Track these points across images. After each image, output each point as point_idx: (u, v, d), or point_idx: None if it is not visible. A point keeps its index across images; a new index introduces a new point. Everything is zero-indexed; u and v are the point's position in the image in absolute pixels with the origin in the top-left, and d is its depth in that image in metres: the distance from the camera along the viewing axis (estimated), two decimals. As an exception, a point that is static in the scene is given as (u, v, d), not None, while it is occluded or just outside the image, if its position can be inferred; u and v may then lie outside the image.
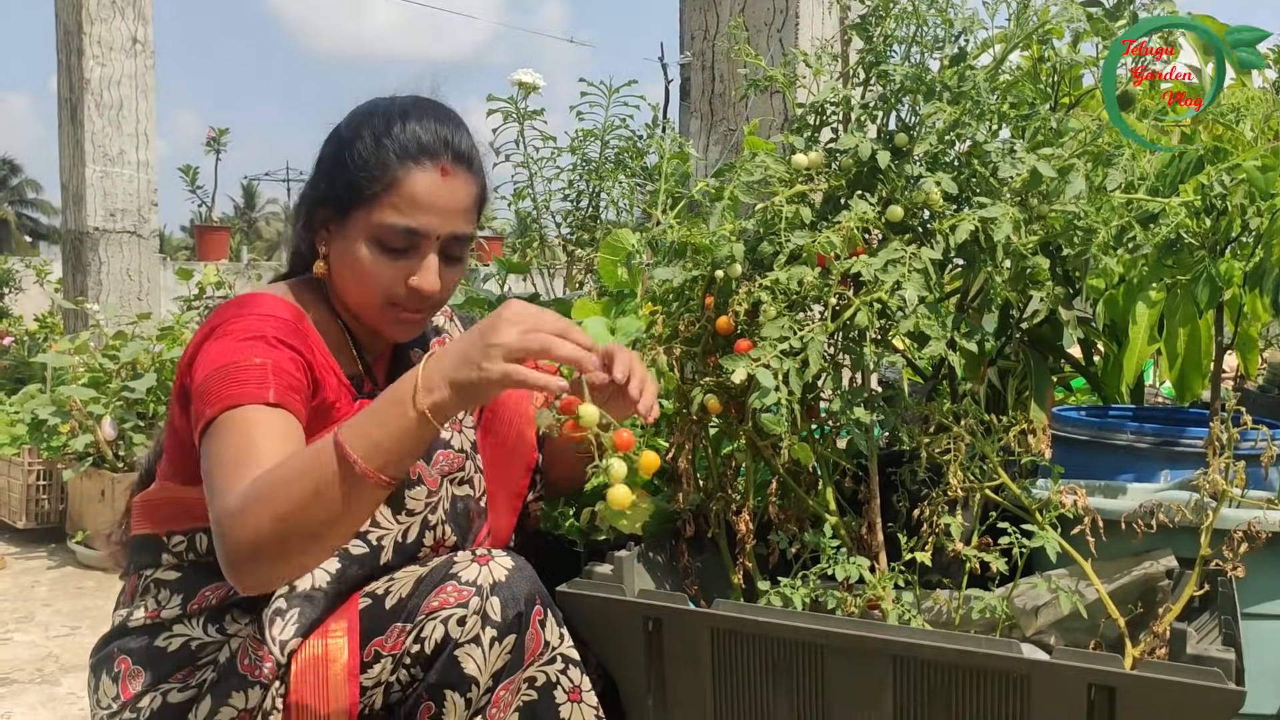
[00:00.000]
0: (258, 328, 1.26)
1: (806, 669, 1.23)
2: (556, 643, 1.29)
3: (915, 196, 1.44)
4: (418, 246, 1.32)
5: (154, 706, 1.30)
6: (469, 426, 1.47)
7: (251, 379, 1.21)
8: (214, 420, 1.19)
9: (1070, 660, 1.10)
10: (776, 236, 1.47)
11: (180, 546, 1.34)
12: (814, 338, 1.37)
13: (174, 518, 1.34)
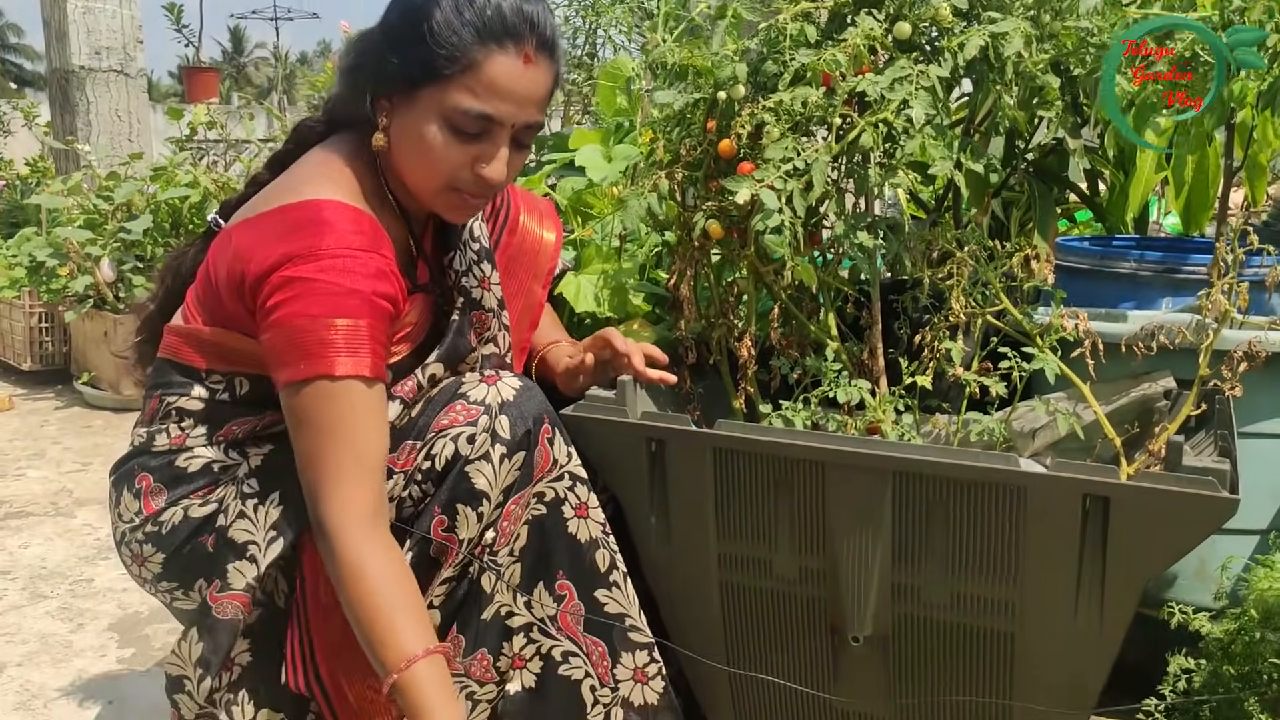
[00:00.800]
0: (353, 271, 1.19)
1: (807, 487, 1.25)
2: (565, 461, 1.32)
3: (924, 13, 1.39)
4: (490, 133, 1.24)
5: (175, 520, 1.32)
6: (495, 284, 1.44)
7: (348, 345, 1.18)
8: (309, 382, 1.17)
9: (1066, 472, 1.12)
10: (780, 55, 1.42)
11: (218, 385, 1.32)
12: (818, 158, 1.34)
13: (219, 358, 1.31)
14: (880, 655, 1.29)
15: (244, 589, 1.26)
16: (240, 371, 1.31)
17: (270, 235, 1.21)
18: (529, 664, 1.31)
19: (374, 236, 1.24)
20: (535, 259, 1.53)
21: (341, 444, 1.19)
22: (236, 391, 1.32)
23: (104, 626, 2.02)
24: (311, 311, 1.17)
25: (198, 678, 1.28)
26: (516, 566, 1.30)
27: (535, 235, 1.53)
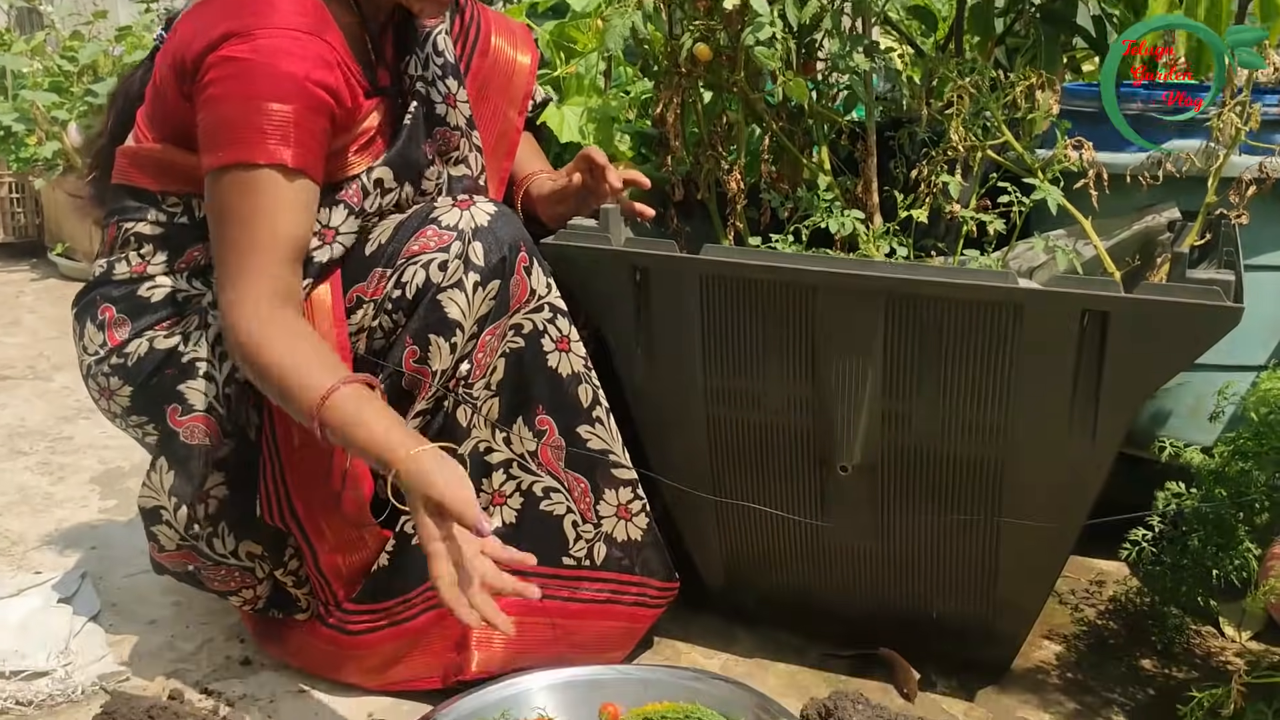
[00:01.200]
0: (291, 53, 1.13)
1: (797, 313, 1.21)
2: (544, 292, 1.27)
3: None
4: None
5: (141, 352, 1.28)
6: (463, 101, 1.37)
7: (274, 132, 1.12)
8: (228, 169, 1.14)
9: (1065, 288, 1.08)
10: None
11: (175, 207, 1.28)
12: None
13: (172, 179, 1.27)
14: (868, 485, 1.27)
15: (205, 409, 1.23)
16: (195, 192, 1.26)
17: (213, 18, 1.17)
18: (509, 500, 1.29)
19: (319, 20, 1.18)
20: (509, 82, 1.46)
21: (252, 234, 1.15)
22: (195, 214, 1.27)
23: (85, 480, 2.00)
24: (244, 93, 1.13)
25: (174, 507, 1.26)
26: (494, 401, 1.27)
27: (508, 57, 1.45)
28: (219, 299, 1.19)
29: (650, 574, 1.36)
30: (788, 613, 1.47)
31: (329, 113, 1.18)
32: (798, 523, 1.34)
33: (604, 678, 1.28)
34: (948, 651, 1.39)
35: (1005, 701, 1.33)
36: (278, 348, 1.14)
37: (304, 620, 1.38)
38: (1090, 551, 1.67)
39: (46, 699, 1.30)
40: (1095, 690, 1.35)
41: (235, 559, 1.30)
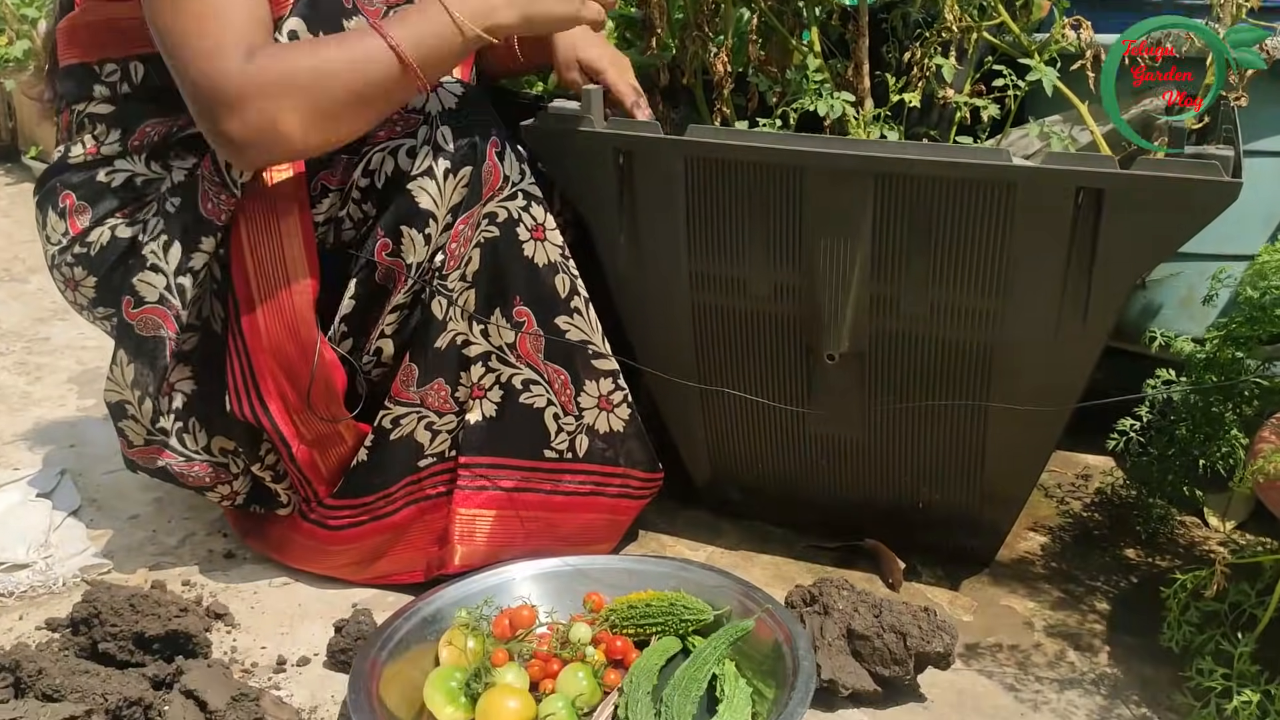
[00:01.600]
0: None
1: (785, 196, 1.18)
2: (517, 178, 1.23)
3: None
4: None
5: (103, 241, 1.26)
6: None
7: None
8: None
9: (1059, 164, 1.05)
10: None
11: (114, 76, 1.24)
12: None
13: (105, 44, 1.23)
14: (856, 372, 1.25)
15: (157, 301, 1.20)
16: (133, 54, 1.21)
17: None
18: (489, 393, 1.27)
19: None
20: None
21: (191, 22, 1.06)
22: (133, 78, 1.23)
23: (62, 380, 1.98)
24: None
25: (138, 400, 1.24)
26: (470, 293, 1.23)
27: None
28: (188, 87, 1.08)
29: (634, 465, 1.35)
30: (774, 506, 1.46)
31: None
32: (784, 414, 1.32)
33: (588, 567, 1.27)
34: (933, 543, 1.39)
35: (990, 590, 1.34)
36: (282, 64, 1.06)
37: (285, 515, 1.36)
38: (1077, 447, 1.66)
39: (28, 590, 1.29)
40: (1079, 579, 1.35)
41: (207, 454, 1.29)
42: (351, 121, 1.11)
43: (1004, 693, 1.14)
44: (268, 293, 1.19)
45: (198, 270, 1.19)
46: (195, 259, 1.19)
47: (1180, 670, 1.09)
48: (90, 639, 1.10)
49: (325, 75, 1.07)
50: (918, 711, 1.11)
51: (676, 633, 1.17)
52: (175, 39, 1.08)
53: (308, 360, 1.20)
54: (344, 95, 1.08)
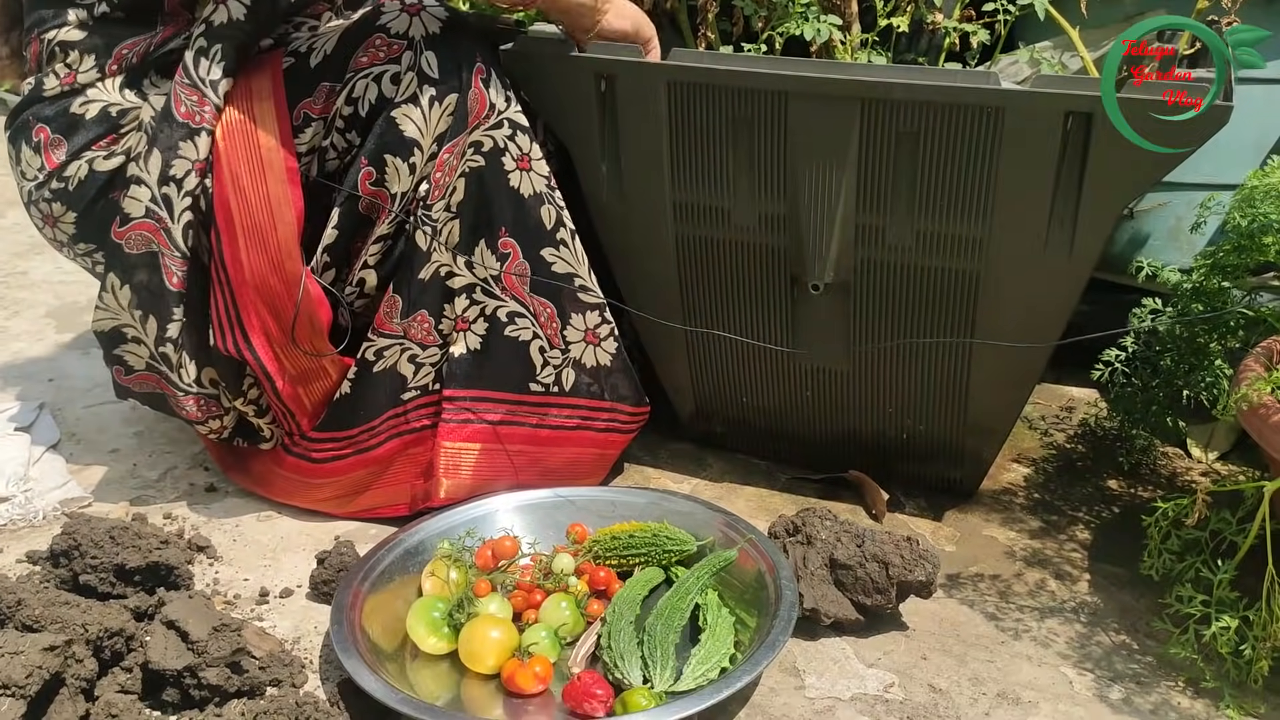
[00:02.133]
0: None
1: (768, 123, 1.16)
2: (503, 106, 1.20)
3: None
4: None
5: (81, 175, 1.23)
6: None
7: None
8: None
9: (1047, 88, 1.03)
10: None
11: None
12: None
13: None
14: (841, 303, 1.24)
15: (144, 215, 1.17)
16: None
17: None
18: (473, 325, 1.25)
19: None
20: None
21: None
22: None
23: (41, 314, 1.95)
24: None
25: (140, 319, 1.22)
26: (455, 223, 1.21)
27: None
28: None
29: (620, 399, 1.34)
30: (758, 438, 1.46)
31: None
32: (768, 347, 1.31)
33: (571, 498, 1.27)
34: (917, 474, 1.39)
35: (972, 520, 1.34)
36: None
37: (268, 449, 1.36)
38: (1062, 379, 1.66)
39: (7, 524, 1.29)
40: (1061, 509, 1.35)
41: (200, 387, 1.27)
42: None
43: (985, 621, 1.15)
44: (251, 227, 1.16)
45: (180, 179, 1.16)
46: (176, 166, 1.16)
47: (1160, 598, 1.10)
48: (71, 571, 1.10)
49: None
50: (899, 640, 1.12)
51: (660, 563, 1.17)
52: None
53: (292, 294, 1.18)
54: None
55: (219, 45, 1.15)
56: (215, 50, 1.15)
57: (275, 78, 1.18)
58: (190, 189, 1.16)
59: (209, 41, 1.16)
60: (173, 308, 1.21)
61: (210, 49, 1.15)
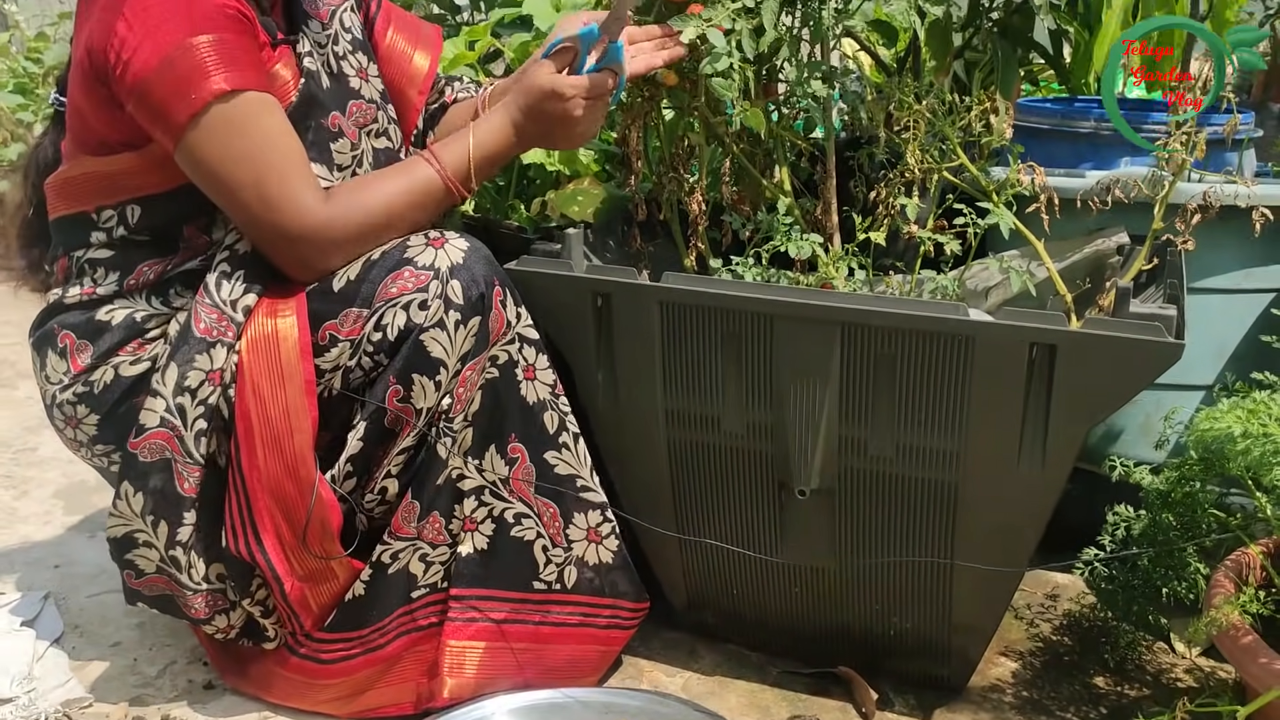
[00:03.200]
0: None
1: (755, 341, 1.23)
2: (515, 321, 1.28)
3: None
4: None
5: (106, 379, 1.28)
6: (375, 76, 1.39)
7: (220, 59, 1.13)
8: (196, 119, 1.14)
9: (1014, 320, 1.11)
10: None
11: (111, 221, 1.28)
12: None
13: (100, 192, 1.27)
14: (826, 508, 1.29)
15: (158, 425, 1.22)
16: (126, 199, 1.26)
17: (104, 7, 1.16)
18: (480, 526, 1.30)
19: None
20: (406, 65, 1.48)
21: (258, 158, 1.17)
22: (130, 221, 1.27)
23: (49, 494, 1.99)
24: (163, 47, 1.13)
25: (151, 524, 1.25)
26: (469, 431, 1.27)
27: (402, 49, 1.49)
28: (263, 241, 1.22)
29: (621, 595, 1.38)
30: (749, 630, 1.49)
31: (249, 29, 1.19)
32: (757, 544, 1.36)
33: (566, 701, 1.29)
34: (905, 670, 1.41)
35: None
36: (357, 199, 1.23)
37: (271, 649, 1.37)
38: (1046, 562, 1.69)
39: (9, 725, 1.30)
40: (1049, 710, 1.37)
41: (207, 583, 1.30)
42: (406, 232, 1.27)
43: (975, 829, 1.16)
44: (269, 434, 1.22)
45: (195, 389, 1.22)
46: (191, 377, 1.22)
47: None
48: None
49: (395, 208, 1.25)
50: None
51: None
52: (243, 182, 1.18)
53: (305, 499, 1.23)
54: (407, 219, 1.27)
55: (242, 271, 1.23)
56: (239, 274, 1.23)
57: (299, 297, 1.25)
58: (204, 398, 1.22)
59: (231, 267, 1.23)
60: (184, 513, 1.25)
61: (234, 273, 1.23)
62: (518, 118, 1.31)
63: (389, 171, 1.29)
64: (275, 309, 1.24)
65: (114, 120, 1.20)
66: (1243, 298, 1.46)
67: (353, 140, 1.33)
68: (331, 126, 1.31)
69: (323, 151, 1.29)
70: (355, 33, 1.39)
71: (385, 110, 1.39)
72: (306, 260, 1.23)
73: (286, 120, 1.21)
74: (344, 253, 1.24)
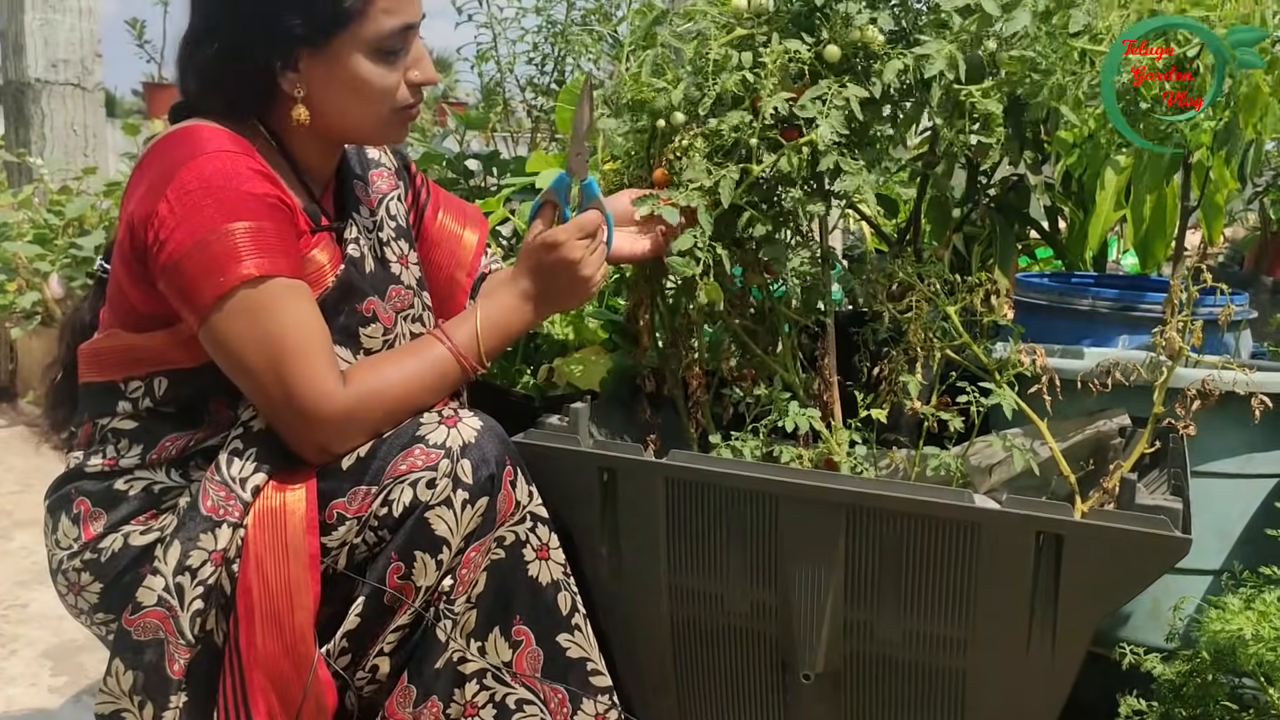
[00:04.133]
0: (232, 173, 1.17)
1: (760, 520, 1.23)
2: (526, 501, 1.26)
3: (850, 35, 1.37)
4: (408, 41, 1.26)
5: (115, 548, 1.27)
6: (414, 263, 1.42)
7: (255, 246, 1.16)
8: (224, 300, 1.16)
9: (1020, 509, 1.11)
10: (706, 81, 1.40)
11: (138, 393, 1.29)
12: (725, 176, 1.32)
13: (129, 364, 1.28)
14: (831, 693, 1.27)
15: (155, 604, 1.20)
16: (155, 371, 1.27)
17: (149, 178, 1.19)
18: (481, 711, 1.26)
19: (245, 146, 1.21)
20: (455, 248, 1.52)
21: (279, 343, 1.18)
22: (156, 393, 1.28)
23: (37, 653, 1.95)
24: (198, 230, 1.16)
25: (138, 705, 1.22)
26: (472, 613, 1.25)
27: (453, 230, 1.54)
28: (281, 424, 1.22)
29: (627, 781, 1.33)
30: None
31: (289, 218, 1.22)
32: (761, 726, 1.33)
33: None
34: None
35: None
36: (374, 382, 1.24)
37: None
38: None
39: None
40: None
41: None
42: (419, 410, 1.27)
43: None
44: (269, 611, 1.20)
45: (195, 569, 1.20)
46: (193, 556, 1.20)
47: None
48: None
49: (411, 389, 1.26)
50: None
51: None
52: (264, 366, 1.19)
53: (302, 678, 1.20)
54: (423, 400, 1.27)
55: (254, 449, 1.24)
56: (250, 453, 1.24)
57: (309, 471, 1.26)
58: (204, 578, 1.21)
59: (244, 445, 1.24)
60: (170, 695, 1.22)
61: (245, 451, 1.24)
62: (524, 285, 1.34)
63: (403, 352, 1.31)
64: (285, 484, 1.24)
65: (148, 296, 1.23)
66: (1246, 482, 1.46)
67: (387, 324, 1.34)
68: (365, 311, 1.32)
69: (351, 336, 1.31)
70: (400, 220, 1.43)
71: (421, 297, 1.42)
72: (323, 445, 1.23)
73: (313, 305, 1.23)
74: (360, 437, 1.24)
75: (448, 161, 2.53)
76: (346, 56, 1.22)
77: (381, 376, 1.25)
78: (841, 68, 1.38)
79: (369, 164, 1.46)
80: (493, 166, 2.64)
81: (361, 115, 1.27)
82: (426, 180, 1.54)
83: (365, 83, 1.24)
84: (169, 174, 1.18)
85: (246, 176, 1.18)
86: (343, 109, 1.26)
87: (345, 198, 1.38)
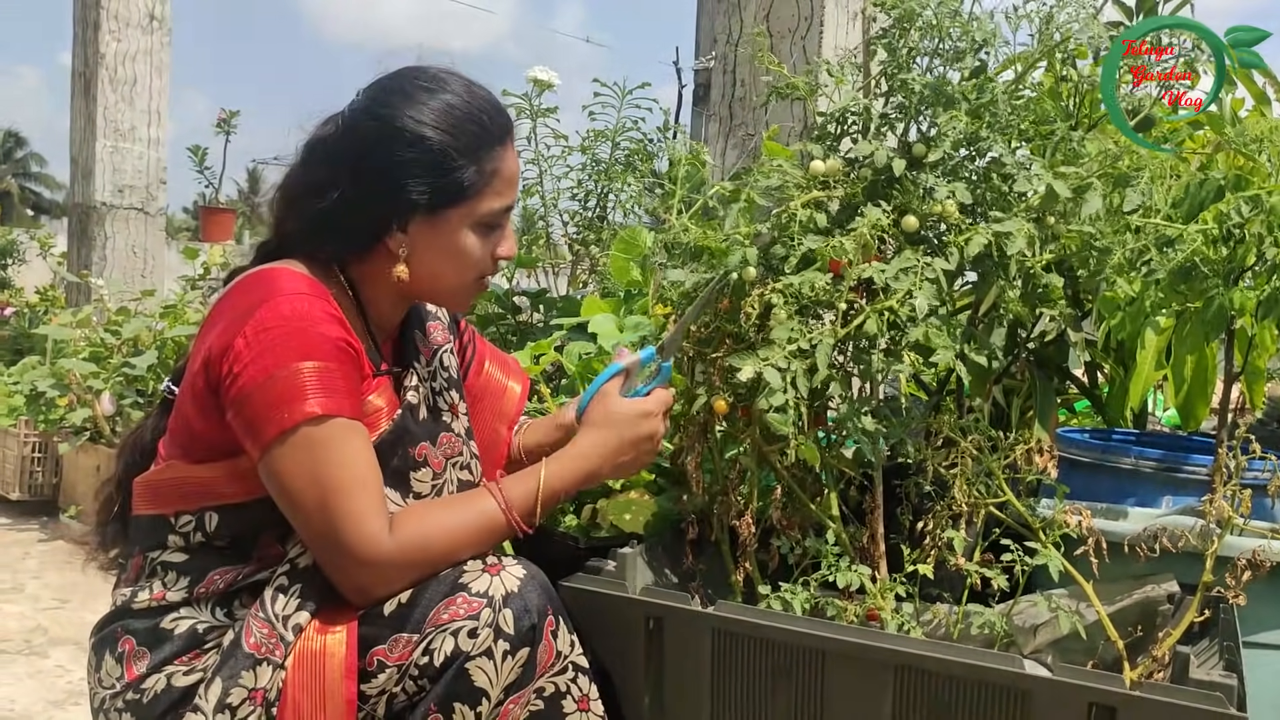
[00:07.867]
0: (306, 315, 1.23)
1: (807, 674, 1.23)
2: (567, 651, 1.27)
3: (930, 208, 1.44)
4: (505, 219, 1.36)
5: (158, 689, 1.27)
6: (464, 413, 1.47)
7: (321, 385, 1.21)
8: (286, 435, 1.20)
9: (1073, 678, 1.10)
10: (790, 241, 1.47)
11: (188, 527, 1.32)
12: (823, 340, 1.37)
13: (182, 497, 1.32)
14: None
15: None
16: (207, 506, 1.30)
17: (230, 315, 1.25)
18: None
19: (320, 290, 1.27)
20: (500, 401, 1.58)
21: (335, 483, 1.21)
22: (207, 527, 1.30)
23: (66, 779, 1.94)
24: (270, 367, 1.20)
25: None
26: None
27: (499, 382, 1.60)
28: (326, 563, 1.24)
29: None
30: None
31: (355, 362, 1.26)
32: None
33: None
34: None
35: None
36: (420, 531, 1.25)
37: None
38: None
39: None
40: None
41: None
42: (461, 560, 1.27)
43: None
44: None
45: (236, 707, 1.21)
46: (234, 694, 1.21)
47: None
48: None
49: (456, 541, 1.27)
50: None
51: None
52: (315, 501, 1.22)
53: None
54: (467, 552, 1.27)
55: (299, 585, 1.26)
56: (295, 589, 1.26)
57: (352, 614, 1.27)
58: (244, 716, 1.22)
59: (289, 581, 1.26)
60: None
61: (290, 588, 1.26)
62: (603, 446, 1.36)
63: (454, 501, 1.33)
64: (327, 626, 1.25)
65: (215, 427, 1.27)
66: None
67: (436, 469, 1.38)
68: (417, 456, 1.36)
69: (402, 479, 1.34)
70: (452, 372, 1.49)
71: (469, 445, 1.46)
72: (365, 588, 1.24)
73: (369, 448, 1.27)
74: (403, 583, 1.25)
75: (497, 297, 2.61)
76: (456, 227, 1.32)
77: (428, 525, 1.26)
78: (915, 237, 1.44)
79: (427, 316, 1.52)
80: (539, 304, 2.72)
81: (452, 280, 1.35)
82: (474, 334, 1.62)
83: (465, 252, 1.33)
84: (249, 312, 1.24)
85: (321, 319, 1.24)
86: (438, 272, 1.34)
87: (406, 347, 1.44)
